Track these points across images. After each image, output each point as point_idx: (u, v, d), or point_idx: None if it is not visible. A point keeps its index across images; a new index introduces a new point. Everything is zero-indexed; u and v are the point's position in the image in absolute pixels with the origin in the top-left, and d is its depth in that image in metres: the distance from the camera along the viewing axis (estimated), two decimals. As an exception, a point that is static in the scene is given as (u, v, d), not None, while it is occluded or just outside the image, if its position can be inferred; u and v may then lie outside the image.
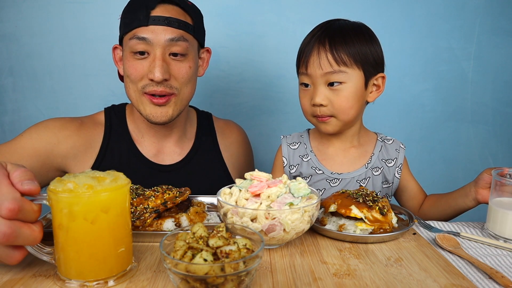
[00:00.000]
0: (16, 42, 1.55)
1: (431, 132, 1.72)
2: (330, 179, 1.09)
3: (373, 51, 1.02)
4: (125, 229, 0.64)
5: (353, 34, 1.01)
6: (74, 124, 1.12)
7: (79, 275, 0.60)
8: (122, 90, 1.60)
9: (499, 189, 0.86)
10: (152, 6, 1.02)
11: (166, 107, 1.06)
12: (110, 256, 0.61)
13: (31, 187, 0.59)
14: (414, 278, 0.65)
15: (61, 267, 0.61)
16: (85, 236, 0.59)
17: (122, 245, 0.63)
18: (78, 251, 0.59)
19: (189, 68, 1.07)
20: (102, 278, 0.61)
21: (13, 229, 0.56)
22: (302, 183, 0.78)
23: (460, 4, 1.63)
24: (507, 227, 0.82)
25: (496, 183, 0.87)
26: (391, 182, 1.11)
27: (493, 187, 0.87)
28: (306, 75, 1.03)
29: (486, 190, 0.95)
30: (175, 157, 1.19)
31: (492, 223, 0.85)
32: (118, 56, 1.14)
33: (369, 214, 0.79)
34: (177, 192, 0.84)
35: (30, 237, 0.59)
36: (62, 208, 0.58)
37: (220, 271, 0.53)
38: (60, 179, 0.61)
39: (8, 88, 1.59)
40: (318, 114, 1.02)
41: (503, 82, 1.70)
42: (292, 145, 1.15)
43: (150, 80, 1.02)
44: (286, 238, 0.73)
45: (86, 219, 0.58)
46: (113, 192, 0.60)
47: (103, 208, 0.59)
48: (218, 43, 1.59)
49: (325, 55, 0.99)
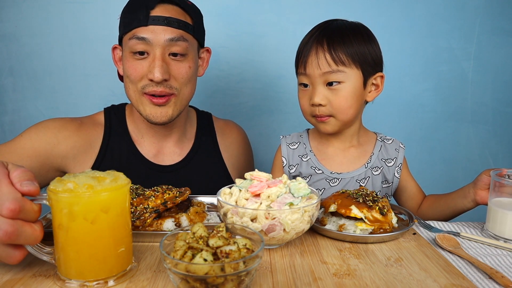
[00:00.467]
0: (16, 42, 1.55)
1: (431, 132, 1.72)
2: (329, 179, 1.09)
3: (372, 51, 1.02)
4: (125, 229, 0.64)
5: (351, 34, 1.01)
6: (73, 125, 1.12)
7: (79, 275, 0.60)
8: (122, 90, 1.60)
9: (498, 189, 0.86)
10: (151, 6, 1.02)
11: (166, 107, 1.06)
12: (110, 256, 0.61)
13: (31, 188, 0.59)
14: (414, 278, 0.65)
15: (61, 267, 0.61)
16: (85, 236, 0.59)
17: (122, 245, 0.63)
18: (78, 251, 0.59)
19: (189, 68, 1.07)
20: (102, 278, 0.61)
21: (15, 228, 0.56)
22: (302, 183, 0.78)
23: (460, 4, 1.63)
24: (507, 227, 0.82)
25: (495, 183, 0.87)
26: (390, 182, 1.11)
27: (492, 187, 0.87)
28: (304, 75, 1.03)
29: (485, 191, 0.95)
30: (175, 157, 1.19)
31: (491, 223, 0.85)
32: (118, 56, 1.14)
33: (369, 214, 0.79)
34: (177, 192, 0.84)
35: (31, 236, 0.59)
36: (62, 208, 0.58)
37: (220, 271, 0.53)
38: (60, 179, 0.61)
39: (8, 88, 1.59)
40: (317, 114, 1.02)
41: (503, 82, 1.70)
42: (292, 145, 1.15)
43: (149, 80, 1.02)
44: (286, 238, 0.73)
45: (86, 219, 0.58)
46: (113, 192, 0.60)
47: (103, 208, 0.59)
48: (218, 43, 1.59)
49: (323, 55, 0.99)
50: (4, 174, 0.59)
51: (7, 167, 0.61)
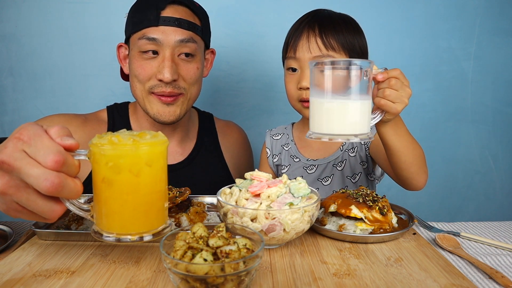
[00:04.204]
0: (16, 42, 1.55)
1: (431, 132, 1.72)
2: (306, 166, 1.12)
3: (360, 41, 1.05)
4: (166, 185, 0.64)
5: (342, 22, 1.04)
6: (78, 120, 1.12)
7: (122, 228, 0.60)
8: (122, 90, 1.60)
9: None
10: (162, 6, 1.02)
11: (174, 106, 1.06)
12: (152, 210, 0.62)
13: (72, 142, 0.59)
14: (414, 278, 0.65)
15: (102, 221, 0.61)
16: (130, 189, 0.59)
17: (164, 200, 0.64)
18: (123, 204, 0.60)
19: (197, 69, 1.08)
20: (144, 231, 0.61)
21: (61, 179, 0.56)
22: (302, 183, 0.78)
23: (460, 4, 1.63)
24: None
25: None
26: (365, 160, 1.11)
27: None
28: (294, 59, 1.05)
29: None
30: (177, 157, 1.19)
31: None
32: (123, 54, 1.14)
33: (369, 214, 0.79)
34: (177, 192, 0.84)
35: (74, 189, 0.59)
36: (108, 162, 0.58)
37: (220, 271, 0.53)
38: (101, 135, 0.61)
39: (8, 88, 1.59)
40: (304, 98, 1.04)
41: (503, 82, 1.70)
42: (275, 136, 1.22)
43: (158, 80, 1.02)
44: (286, 238, 0.73)
45: (132, 171, 0.59)
46: (156, 147, 0.61)
47: (147, 161, 0.60)
48: (218, 43, 1.59)
49: (314, 39, 1.01)
50: (43, 130, 0.58)
51: (42, 126, 0.60)
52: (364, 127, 0.73)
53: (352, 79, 0.70)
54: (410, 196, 1.73)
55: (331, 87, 0.71)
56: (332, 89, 0.71)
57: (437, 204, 1.76)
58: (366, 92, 0.72)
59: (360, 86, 0.71)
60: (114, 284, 0.62)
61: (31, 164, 0.55)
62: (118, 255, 0.71)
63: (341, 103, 0.71)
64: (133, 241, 0.61)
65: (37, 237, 0.78)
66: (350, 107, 0.71)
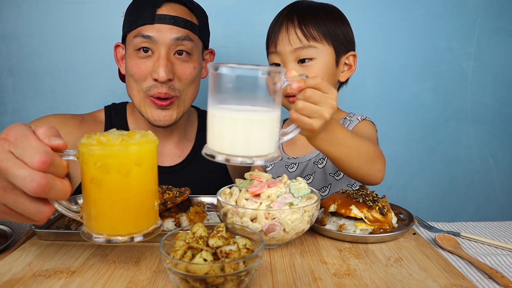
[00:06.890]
0: (16, 42, 1.55)
1: (431, 132, 1.72)
2: (287, 165, 1.10)
3: (343, 29, 1.02)
4: (156, 185, 0.64)
5: (322, 11, 1.02)
6: (74, 121, 1.11)
7: (112, 229, 0.60)
8: (122, 90, 1.60)
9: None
10: (158, 4, 1.01)
11: (170, 110, 1.05)
12: (142, 210, 0.61)
13: (59, 142, 0.58)
14: (414, 278, 0.65)
15: (91, 222, 0.61)
16: (119, 189, 0.59)
17: (154, 200, 0.63)
18: (112, 205, 0.59)
19: (193, 68, 1.06)
20: (134, 232, 0.61)
21: (48, 180, 0.55)
22: (302, 183, 0.78)
23: (460, 4, 1.63)
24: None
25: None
26: None
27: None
28: (276, 54, 1.03)
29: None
30: (175, 158, 1.19)
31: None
32: (120, 54, 1.13)
33: (369, 214, 0.79)
34: (177, 192, 0.84)
35: (62, 190, 0.58)
36: (96, 162, 0.58)
37: (220, 271, 0.53)
38: (89, 135, 0.60)
39: (8, 88, 1.59)
40: (289, 92, 1.01)
41: (503, 82, 1.70)
42: None
43: (154, 80, 1.01)
44: (286, 238, 0.73)
45: (120, 171, 0.58)
46: (145, 146, 0.60)
47: (136, 161, 0.59)
48: (218, 43, 1.59)
49: (293, 31, 0.99)
50: (30, 130, 0.58)
51: (30, 127, 0.60)
52: (265, 146, 0.60)
53: (251, 88, 0.58)
54: (410, 196, 1.73)
55: (226, 96, 0.59)
56: (226, 98, 0.59)
57: (437, 204, 1.75)
58: (272, 104, 0.60)
59: (264, 98, 0.59)
60: (114, 284, 0.62)
61: (17, 165, 0.54)
62: (118, 255, 0.71)
63: (234, 117, 0.58)
64: (123, 242, 0.60)
65: (37, 237, 0.78)
66: (248, 122, 0.58)
